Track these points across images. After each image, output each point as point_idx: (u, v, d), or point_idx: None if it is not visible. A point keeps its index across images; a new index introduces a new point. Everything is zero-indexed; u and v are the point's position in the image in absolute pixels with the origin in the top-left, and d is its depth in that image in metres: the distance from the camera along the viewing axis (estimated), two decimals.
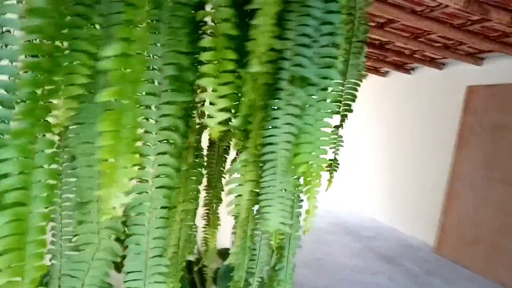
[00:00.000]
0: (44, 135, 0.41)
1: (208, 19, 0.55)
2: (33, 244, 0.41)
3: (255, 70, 0.51)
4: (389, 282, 3.85)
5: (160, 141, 0.55)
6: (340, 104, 0.87)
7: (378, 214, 6.10)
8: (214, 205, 0.96)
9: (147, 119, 0.52)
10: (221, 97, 0.53)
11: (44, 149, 0.41)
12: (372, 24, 4.35)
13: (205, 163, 0.68)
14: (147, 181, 0.55)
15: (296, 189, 0.69)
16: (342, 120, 0.98)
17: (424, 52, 4.73)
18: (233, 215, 0.62)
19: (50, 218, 0.44)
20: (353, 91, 0.98)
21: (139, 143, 0.50)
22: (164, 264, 0.58)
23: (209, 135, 0.53)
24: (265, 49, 0.56)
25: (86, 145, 0.47)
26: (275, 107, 0.59)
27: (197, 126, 0.60)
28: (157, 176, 0.55)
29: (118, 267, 0.55)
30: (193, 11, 0.54)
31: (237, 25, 0.54)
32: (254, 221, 0.61)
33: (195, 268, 1.40)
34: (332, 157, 1.01)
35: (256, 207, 0.62)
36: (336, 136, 0.99)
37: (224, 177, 0.61)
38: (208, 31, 0.54)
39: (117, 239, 0.57)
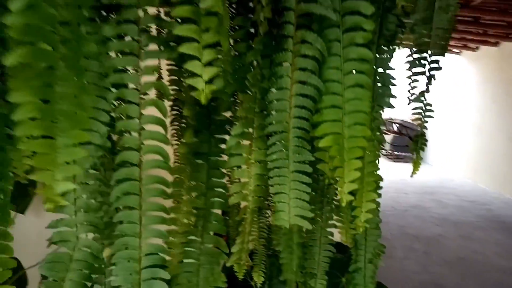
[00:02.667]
0: None
1: None
2: None
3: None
4: None
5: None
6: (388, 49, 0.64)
7: None
8: None
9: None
10: (206, 47, 0.40)
11: None
12: None
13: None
14: (135, 165, 0.45)
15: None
16: (429, 83, 0.73)
17: None
18: (235, 206, 0.49)
19: None
20: (441, 42, 0.73)
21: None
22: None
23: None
24: None
25: None
26: (280, 62, 0.44)
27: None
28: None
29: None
30: None
31: None
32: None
33: None
34: (419, 133, 0.77)
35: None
36: (422, 104, 0.75)
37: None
38: None
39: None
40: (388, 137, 8.96)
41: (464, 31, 5.34)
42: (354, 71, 0.44)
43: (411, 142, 0.77)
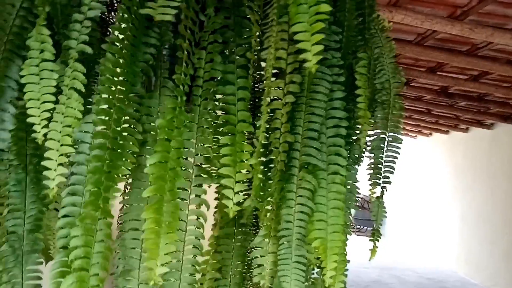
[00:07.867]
0: (104, 218, 0.59)
1: None
2: None
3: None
4: None
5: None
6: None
7: None
8: None
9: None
10: (237, 182, 0.67)
11: (103, 228, 0.59)
12: (465, 77, 4.17)
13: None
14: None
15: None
16: (382, 192, 1.03)
17: None
18: (255, 283, 0.72)
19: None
20: (392, 164, 1.03)
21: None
22: None
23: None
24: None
25: (134, 222, 0.65)
26: (288, 190, 0.71)
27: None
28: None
29: None
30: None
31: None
32: None
33: None
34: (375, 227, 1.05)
35: None
36: (378, 206, 1.04)
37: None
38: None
39: None
40: (351, 211, 9.29)
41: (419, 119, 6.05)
42: (334, 199, 0.72)
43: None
